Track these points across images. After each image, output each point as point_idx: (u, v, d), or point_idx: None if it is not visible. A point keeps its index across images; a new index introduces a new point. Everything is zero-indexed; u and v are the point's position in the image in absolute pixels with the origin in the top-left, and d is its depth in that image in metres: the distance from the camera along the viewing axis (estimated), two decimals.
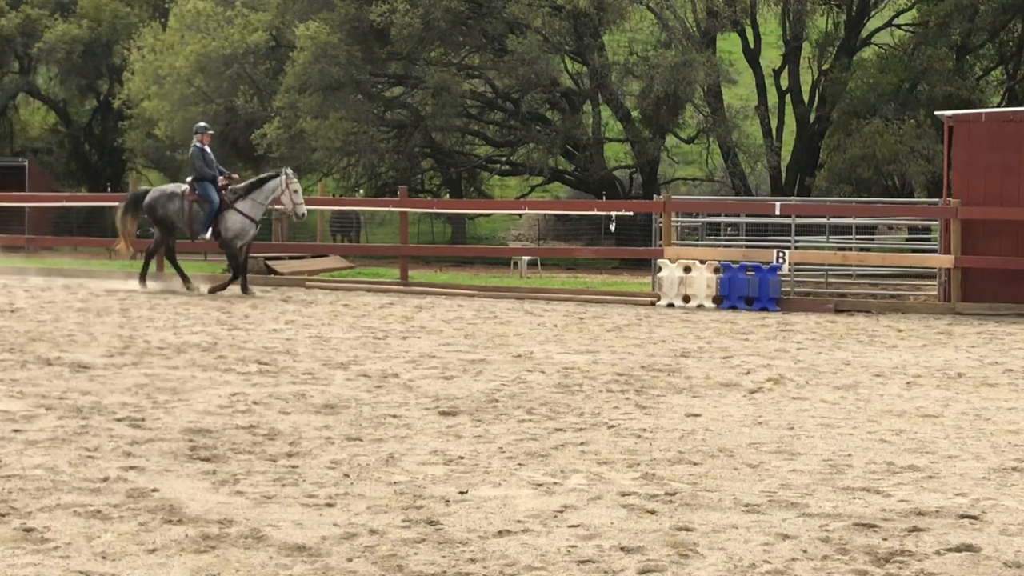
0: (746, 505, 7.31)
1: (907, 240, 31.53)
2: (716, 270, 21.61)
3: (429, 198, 39.75)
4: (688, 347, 15.35)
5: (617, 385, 11.97)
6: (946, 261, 21.51)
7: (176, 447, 8.67)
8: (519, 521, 6.88)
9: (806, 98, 39.17)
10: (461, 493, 7.49)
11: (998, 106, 36.25)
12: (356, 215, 38.64)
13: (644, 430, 9.63)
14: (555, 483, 7.81)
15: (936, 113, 25.53)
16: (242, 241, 21.56)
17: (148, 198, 22.26)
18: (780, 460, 8.63)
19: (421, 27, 34.43)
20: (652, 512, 7.12)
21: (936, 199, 25.49)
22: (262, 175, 22.66)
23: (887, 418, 10.42)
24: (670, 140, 39.39)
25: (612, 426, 9.78)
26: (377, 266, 25.17)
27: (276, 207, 22.41)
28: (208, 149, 21.78)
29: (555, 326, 17.63)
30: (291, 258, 28.23)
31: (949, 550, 6.46)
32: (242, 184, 21.93)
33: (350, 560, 6.11)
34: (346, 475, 7.92)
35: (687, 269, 21.72)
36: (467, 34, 37.09)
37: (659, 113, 36.01)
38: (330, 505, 7.16)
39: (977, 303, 20.95)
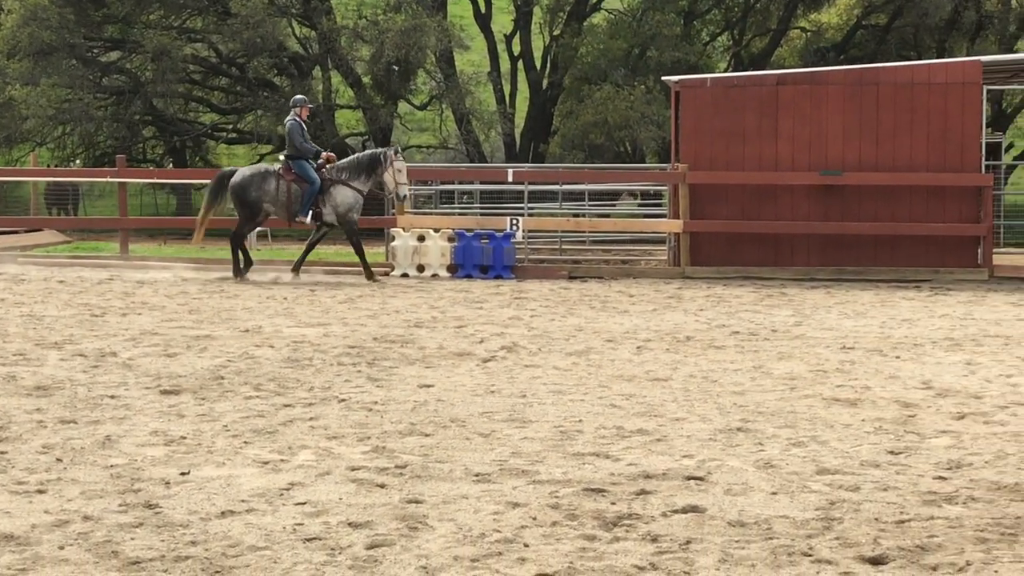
0: (477, 475, 7.33)
1: (639, 206, 32.13)
2: (450, 239, 21.58)
3: (151, 168, 38.67)
4: (422, 317, 15.29)
5: (349, 358, 11.82)
6: (675, 226, 21.93)
7: None
8: (243, 501, 6.76)
9: (538, 64, 39.44)
10: (182, 474, 7.31)
11: (724, 71, 37.17)
12: (73, 187, 37.17)
13: (376, 403, 9.53)
14: (282, 460, 7.67)
15: (664, 78, 25.98)
16: (358, 216, 20.56)
17: (238, 178, 20.36)
18: (512, 428, 8.64)
19: None
20: (382, 486, 7.08)
21: (666, 164, 25.96)
22: (366, 151, 21.54)
23: (617, 383, 10.53)
24: (403, 107, 39.12)
25: (343, 400, 9.65)
26: (96, 240, 24.18)
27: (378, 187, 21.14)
28: (305, 125, 20.50)
29: (285, 299, 17.34)
30: (2, 233, 27.11)
31: (675, 511, 6.60)
32: (343, 161, 20.85)
33: (62, 548, 5.92)
34: (59, 460, 7.62)
35: (421, 238, 21.63)
36: None
37: (390, 79, 35.76)
38: (41, 491, 6.91)
39: (705, 267, 21.43)
